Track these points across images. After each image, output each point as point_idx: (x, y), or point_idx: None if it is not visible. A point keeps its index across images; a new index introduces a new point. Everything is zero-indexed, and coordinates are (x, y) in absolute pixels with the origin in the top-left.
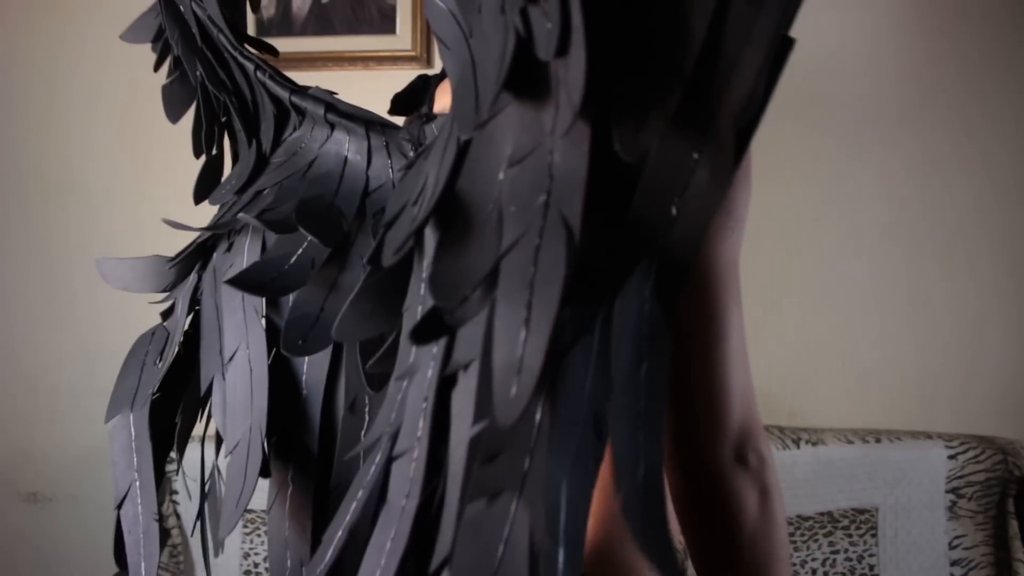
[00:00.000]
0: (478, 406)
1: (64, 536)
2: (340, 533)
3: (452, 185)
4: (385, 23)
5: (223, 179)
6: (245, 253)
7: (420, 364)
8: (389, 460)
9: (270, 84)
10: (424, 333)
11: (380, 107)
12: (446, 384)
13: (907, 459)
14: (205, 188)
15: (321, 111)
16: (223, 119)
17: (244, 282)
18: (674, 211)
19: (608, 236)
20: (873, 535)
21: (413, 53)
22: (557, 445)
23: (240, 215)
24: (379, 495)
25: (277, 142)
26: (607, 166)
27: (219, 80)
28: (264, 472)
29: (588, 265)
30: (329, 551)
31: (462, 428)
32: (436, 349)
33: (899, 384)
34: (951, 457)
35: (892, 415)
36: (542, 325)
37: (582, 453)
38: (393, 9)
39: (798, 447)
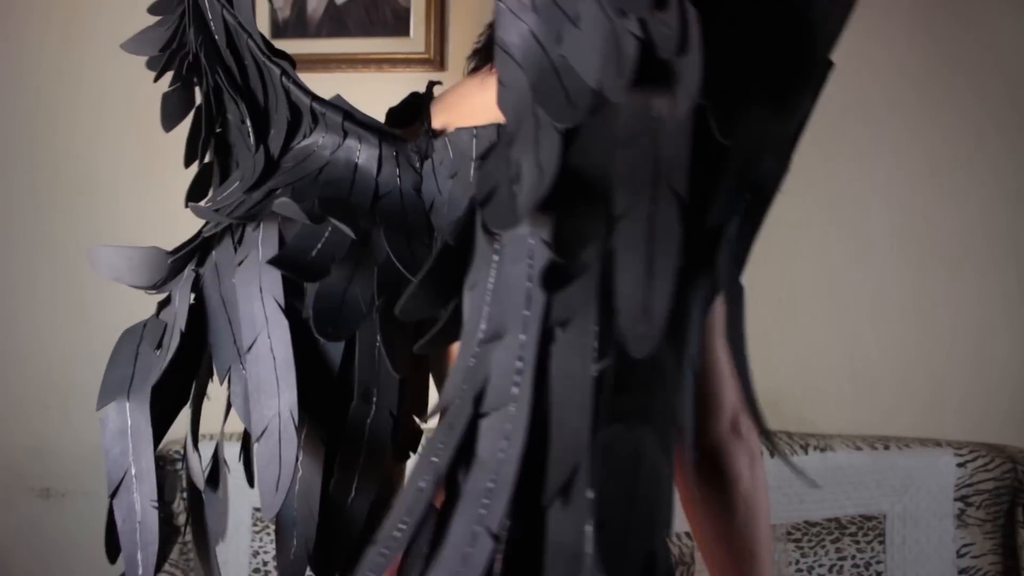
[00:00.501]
0: (600, 346)
1: (76, 531)
2: (425, 487)
3: (565, 163)
4: (399, 25)
5: (219, 186)
6: (259, 246)
7: (506, 329)
8: (475, 419)
9: (293, 90)
10: (554, 282)
11: None
12: (545, 341)
13: (916, 466)
14: (198, 193)
15: (340, 119)
16: (219, 130)
17: (286, 262)
18: (750, 187)
19: (702, 203)
20: (881, 542)
21: (427, 55)
22: (671, 380)
23: (279, 201)
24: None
25: (286, 148)
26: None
27: (236, 85)
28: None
29: (690, 228)
30: (410, 509)
31: (570, 375)
32: (528, 312)
33: (908, 390)
34: (960, 465)
35: (901, 422)
36: (665, 275)
37: (689, 386)
38: (407, 11)
39: (806, 453)
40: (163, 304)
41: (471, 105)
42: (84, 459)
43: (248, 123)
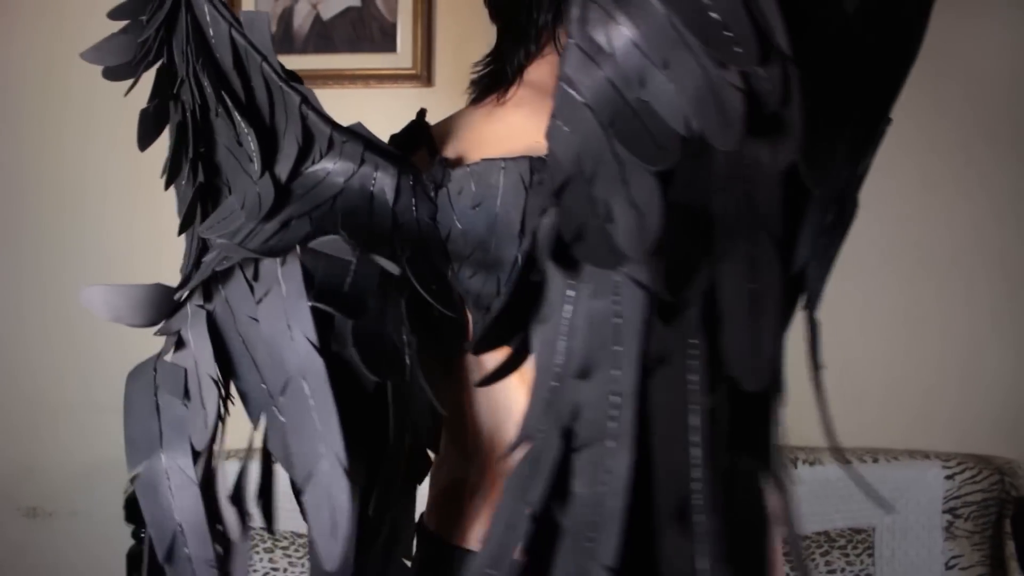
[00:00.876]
0: (708, 381)
1: (63, 551)
2: (518, 524)
3: (665, 203)
4: (386, 41)
5: (205, 209)
6: (282, 281)
7: (595, 364)
8: (566, 454)
9: (312, 116)
10: (670, 315)
11: (380, 125)
12: (644, 376)
13: (904, 479)
14: (192, 217)
15: (360, 147)
16: (202, 150)
17: (328, 300)
18: (825, 232)
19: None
20: (870, 555)
21: (414, 71)
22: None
23: (327, 239)
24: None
25: (295, 173)
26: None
27: (241, 106)
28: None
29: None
30: (502, 544)
31: (670, 409)
32: (621, 348)
33: (896, 403)
34: (948, 477)
35: (889, 435)
36: (770, 312)
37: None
38: (394, 27)
39: (795, 466)
40: (176, 345)
41: (480, 136)
42: (72, 478)
43: (254, 145)
